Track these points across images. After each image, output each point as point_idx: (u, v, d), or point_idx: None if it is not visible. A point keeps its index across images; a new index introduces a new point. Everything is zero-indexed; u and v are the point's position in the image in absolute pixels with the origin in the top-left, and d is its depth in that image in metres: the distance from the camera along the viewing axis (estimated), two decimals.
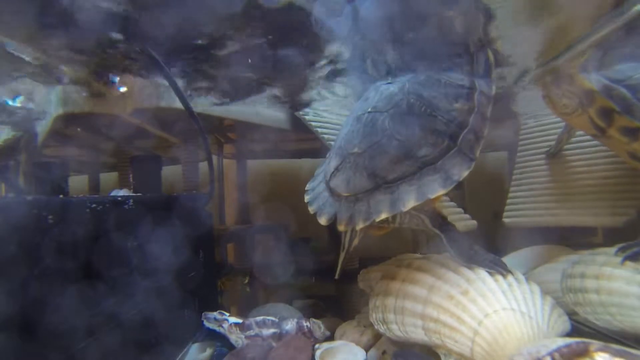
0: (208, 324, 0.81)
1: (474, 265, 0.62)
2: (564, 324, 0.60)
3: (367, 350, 0.74)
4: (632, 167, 0.78)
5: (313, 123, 1.03)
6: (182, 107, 0.88)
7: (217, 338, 0.82)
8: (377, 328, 0.70)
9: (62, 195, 0.77)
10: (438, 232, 0.66)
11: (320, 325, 0.80)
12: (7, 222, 0.45)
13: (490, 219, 1.12)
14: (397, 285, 0.66)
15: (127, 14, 0.63)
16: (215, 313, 0.82)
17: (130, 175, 1.28)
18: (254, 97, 1.00)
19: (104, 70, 0.85)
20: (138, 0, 0.62)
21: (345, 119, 0.80)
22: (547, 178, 1.02)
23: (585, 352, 0.42)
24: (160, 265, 0.70)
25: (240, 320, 0.79)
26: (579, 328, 0.67)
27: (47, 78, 0.86)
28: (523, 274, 0.63)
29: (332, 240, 0.74)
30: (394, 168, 0.62)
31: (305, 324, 0.79)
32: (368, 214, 0.61)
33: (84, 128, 1.14)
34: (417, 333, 0.61)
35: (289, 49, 0.78)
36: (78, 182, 1.61)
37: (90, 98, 0.92)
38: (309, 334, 0.77)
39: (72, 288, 0.52)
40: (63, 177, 0.96)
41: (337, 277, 0.75)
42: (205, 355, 0.79)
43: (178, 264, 0.75)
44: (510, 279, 0.60)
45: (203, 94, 0.97)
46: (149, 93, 0.91)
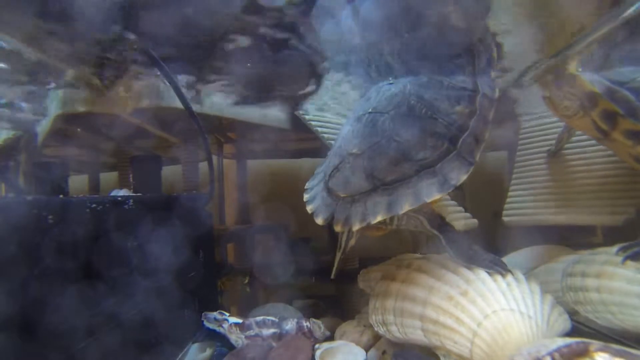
0: (208, 324, 0.81)
1: (474, 266, 0.62)
2: (564, 323, 0.60)
3: (367, 350, 0.74)
4: (636, 169, 0.76)
5: (313, 122, 1.03)
6: (182, 106, 0.88)
7: (217, 338, 0.82)
8: (377, 330, 0.70)
9: (62, 195, 0.77)
10: (437, 233, 0.66)
11: (320, 325, 0.80)
12: (7, 222, 0.45)
13: (490, 219, 1.12)
14: (396, 287, 0.66)
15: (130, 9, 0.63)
16: (215, 313, 0.82)
17: (130, 175, 1.28)
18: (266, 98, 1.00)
19: (104, 70, 0.85)
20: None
21: (347, 119, 0.80)
22: (546, 177, 1.02)
23: (585, 352, 0.42)
24: (160, 266, 0.70)
25: (240, 320, 0.79)
26: (579, 328, 0.67)
27: (47, 78, 0.86)
28: (523, 274, 0.63)
29: (331, 240, 0.74)
30: (392, 170, 0.62)
31: (305, 324, 0.78)
32: (364, 216, 0.61)
33: (84, 128, 1.14)
34: (416, 334, 0.61)
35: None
36: (78, 181, 1.61)
37: (90, 98, 0.92)
38: (309, 334, 0.77)
39: (72, 288, 0.52)
40: (63, 177, 0.96)
41: (333, 276, 0.75)
42: (205, 355, 0.79)
43: (178, 264, 0.75)
44: (510, 279, 0.60)
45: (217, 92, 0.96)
46: (149, 93, 0.91)
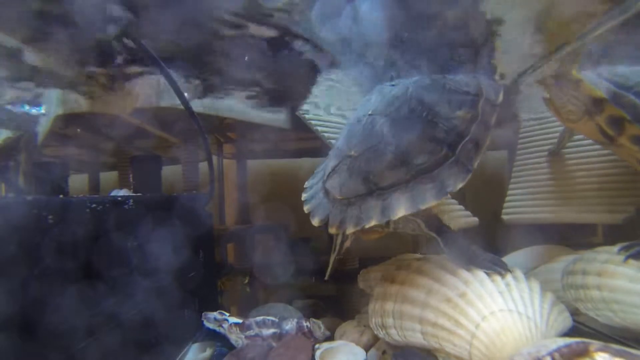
0: (208, 324, 0.81)
1: (473, 267, 0.61)
2: (565, 322, 0.59)
3: (367, 350, 0.74)
4: None
5: (313, 122, 1.03)
6: (182, 106, 0.88)
7: (217, 338, 0.82)
8: (376, 333, 0.70)
9: (62, 195, 0.77)
10: (434, 235, 0.65)
11: (320, 325, 0.80)
12: (7, 222, 0.45)
13: (490, 219, 1.12)
14: (395, 289, 0.66)
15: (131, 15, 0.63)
16: (215, 313, 0.82)
17: (130, 175, 1.28)
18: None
19: (104, 70, 0.85)
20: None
21: (348, 119, 0.80)
22: (546, 175, 1.02)
23: (585, 352, 0.42)
24: (160, 265, 0.70)
25: (240, 320, 0.79)
26: (580, 328, 0.67)
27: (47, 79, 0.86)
28: (523, 274, 0.63)
29: (331, 241, 0.73)
30: (389, 174, 0.61)
31: (305, 324, 0.78)
32: (358, 220, 0.60)
33: (84, 128, 1.14)
34: (415, 337, 0.61)
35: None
36: (78, 181, 1.61)
37: (90, 98, 0.92)
38: (309, 334, 0.77)
39: (72, 288, 0.52)
40: (63, 177, 0.96)
41: (326, 278, 0.74)
42: (205, 355, 0.79)
43: (178, 264, 0.75)
44: (509, 279, 0.59)
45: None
46: (149, 92, 0.91)
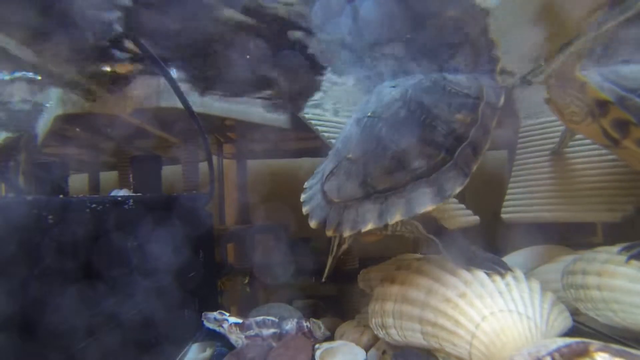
0: (208, 324, 0.81)
1: (473, 267, 0.61)
2: (565, 322, 0.59)
3: (367, 350, 0.74)
4: None
5: (313, 121, 1.03)
6: (182, 106, 0.88)
7: (217, 338, 0.82)
8: (376, 333, 0.70)
9: (62, 195, 0.77)
10: (433, 238, 0.64)
11: (320, 325, 0.80)
12: (7, 222, 0.45)
13: (490, 219, 1.12)
14: (395, 289, 0.66)
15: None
16: (215, 313, 0.82)
17: (130, 175, 1.28)
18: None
19: (104, 69, 0.85)
20: None
21: (348, 120, 0.80)
22: (545, 174, 1.02)
23: (585, 352, 0.42)
24: (160, 265, 0.70)
25: (240, 320, 0.79)
26: (580, 328, 0.67)
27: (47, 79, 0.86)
28: (523, 274, 0.63)
29: (330, 241, 0.73)
30: (386, 178, 0.60)
31: (305, 324, 0.79)
32: (355, 223, 0.60)
33: (84, 128, 1.14)
34: (415, 337, 0.61)
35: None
36: (78, 181, 1.61)
37: (90, 98, 0.92)
38: (309, 334, 0.77)
39: (72, 288, 0.52)
40: (63, 177, 0.95)
41: (324, 280, 0.74)
42: (205, 355, 0.79)
43: (178, 264, 0.75)
44: (509, 279, 0.59)
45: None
46: (149, 93, 0.91)
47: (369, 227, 0.58)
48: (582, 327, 0.69)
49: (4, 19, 0.62)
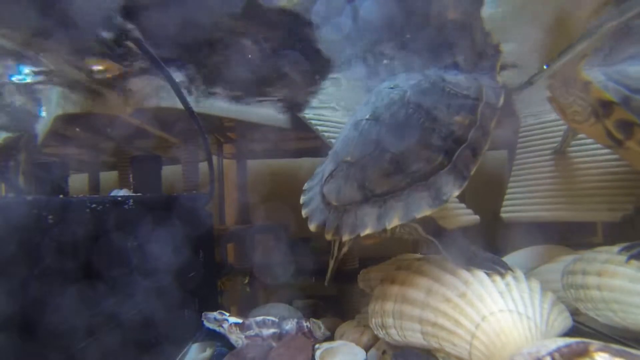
0: (208, 324, 0.81)
1: (473, 267, 0.61)
2: (565, 321, 0.59)
3: (367, 350, 0.74)
4: None
5: (313, 121, 1.03)
6: (182, 107, 0.88)
7: (217, 338, 0.82)
8: (376, 333, 0.70)
9: (62, 195, 0.77)
10: (432, 239, 0.64)
11: (320, 325, 0.80)
12: (7, 222, 0.45)
13: (490, 218, 1.12)
14: (395, 289, 0.66)
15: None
16: (215, 313, 0.82)
17: (130, 175, 1.28)
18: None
19: (104, 69, 0.85)
20: None
21: (348, 120, 0.79)
22: (545, 174, 1.02)
23: (585, 352, 0.42)
24: (160, 265, 0.70)
25: (240, 320, 0.79)
26: (580, 328, 0.67)
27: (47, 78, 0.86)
28: (523, 274, 0.63)
29: (330, 242, 0.73)
30: (384, 181, 0.60)
31: (305, 324, 0.79)
32: (354, 227, 0.60)
33: (84, 128, 1.14)
34: (415, 337, 0.61)
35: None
36: (78, 181, 1.61)
37: (90, 98, 0.92)
38: (309, 334, 0.77)
39: (72, 288, 0.52)
40: (63, 177, 0.95)
41: (326, 284, 0.74)
42: (205, 355, 0.79)
43: (178, 264, 0.75)
44: (509, 279, 0.59)
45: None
46: (149, 93, 0.91)
47: (368, 231, 0.58)
48: (582, 327, 0.69)
49: (3, 16, 0.62)
